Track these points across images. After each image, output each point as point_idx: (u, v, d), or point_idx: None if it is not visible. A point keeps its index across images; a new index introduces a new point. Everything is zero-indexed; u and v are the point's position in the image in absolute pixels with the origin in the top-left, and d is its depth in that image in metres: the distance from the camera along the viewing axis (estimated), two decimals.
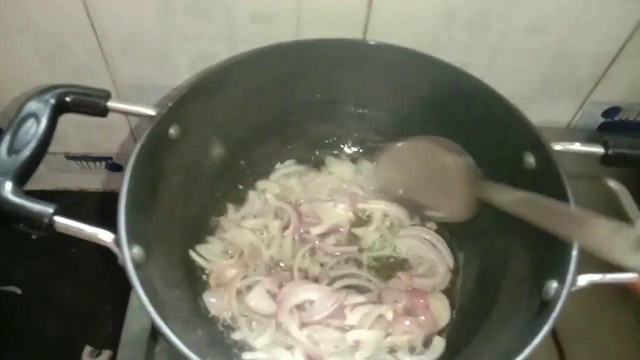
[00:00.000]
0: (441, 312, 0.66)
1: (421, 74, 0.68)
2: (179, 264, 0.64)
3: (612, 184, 0.85)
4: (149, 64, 0.78)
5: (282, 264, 0.69)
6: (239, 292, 0.65)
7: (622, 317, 0.72)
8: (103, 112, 0.58)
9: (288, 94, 0.72)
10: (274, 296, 0.65)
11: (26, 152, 0.52)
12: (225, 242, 0.69)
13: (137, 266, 0.50)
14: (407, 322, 0.63)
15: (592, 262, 0.53)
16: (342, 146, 0.79)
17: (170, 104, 0.59)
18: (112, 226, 0.50)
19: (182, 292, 0.61)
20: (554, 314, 0.49)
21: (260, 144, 0.74)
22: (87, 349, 0.93)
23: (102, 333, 0.94)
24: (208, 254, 0.67)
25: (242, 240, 0.68)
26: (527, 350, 0.47)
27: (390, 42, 0.68)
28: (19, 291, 0.98)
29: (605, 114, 0.90)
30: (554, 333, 0.70)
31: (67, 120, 0.85)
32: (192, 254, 0.66)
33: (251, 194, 0.74)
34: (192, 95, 0.62)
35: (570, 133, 0.91)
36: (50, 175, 1.03)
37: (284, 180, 0.76)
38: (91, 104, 0.58)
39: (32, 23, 0.73)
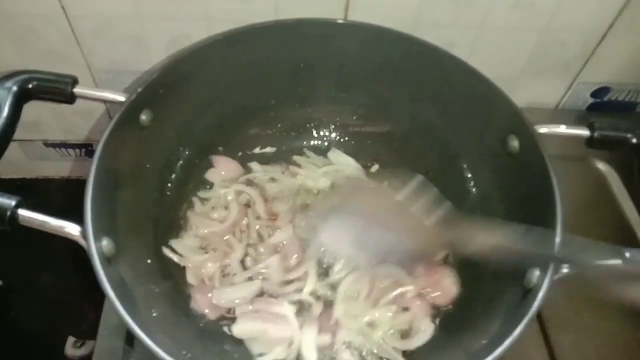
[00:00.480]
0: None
1: (404, 56, 0.66)
2: (153, 256, 0.62)
3: (601, 165, 0.84)
4: (124, 46, 0.76)
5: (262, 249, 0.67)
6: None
7: (607, 303, 0.72)
8: (70, 99, 0.56)
9: (266, 77, 0.70)
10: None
11: None
12: (199, 237, 0.67)
13: (107, 260, 0.49)
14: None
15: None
16: (322, 131, 0.77)
17: (139, 89, 0.57)
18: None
19: (156, 286, 0.59)
20: (537, 302, 0.48)
21: (238, 129, 0.72)
22: (70, 340, 0.91)
23: (85, 324, 0.93)
24: (182, 249, 0.64)
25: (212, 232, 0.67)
26: (511, 337, 0.47)
27: (373, 22, 0.65)
28: (0, 282, 0.97)
29: (594, 94, 0.88)
30: (540, 320, 0.70)
31: (44, 106, 0.84)
32: (165, 250, 0.63)
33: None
34: (163, 79, 0.60)
35: (558, 114, 0.90)
36: (30, 163, 1.00)
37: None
38: (56, 90, 0.55)
39: (1, 4, 0.70)
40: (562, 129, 0.59)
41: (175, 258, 0.63)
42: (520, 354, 0.67)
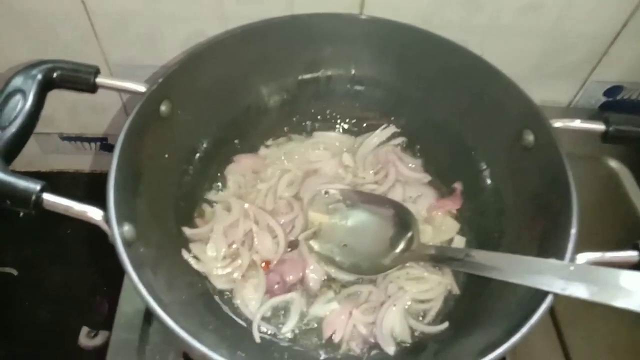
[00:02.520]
0: None
1: (419, 50, 0.66)
2: (173, 242, 0.62)
3: (613, 163, 0.84)
4: (141, 43, 0.77)
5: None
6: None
7: None
8: (92, 88, 0.57)
9: (281, 71, 0.70)
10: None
11: (12, 129, 0.51)
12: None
13: (128, 244, 0.49)
14: None
15: (591, 241, 0.52)
16: (338, 124, 0.77)
17: (160, 80, 0.58)
18: (104, 206, 0.50)
19: (176, 271, 0.60)
20: (551, 295, 0.48)
21: (253, 122, 0.72)
22: (84, 330, 0.92)
23: (98, 314, 0.94)
24: (201, 254, 0.64)
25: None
26: (524, 329, 0.46)
27: (387, 18, 0.66)
28: (15, 272, 0.98)
29: (607, 92, 0.88)
30: (552, 314, 0.70)
31: (61, 100, 0.86)
32: (184, 253, 0.63)
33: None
34: (182, 71, 0.60)
35: (571, 112, 0.90)
36: (45, 157, 1.02)
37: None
38: (80, 79, 0.56)
39: (22, 1, 0.71)
40: (577, 123, 0.59)
41: (194, 264, 0.63)
42: (533, 349, 0.67)
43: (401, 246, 0.64)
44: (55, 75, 0.55)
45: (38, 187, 0.48)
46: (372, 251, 0.64)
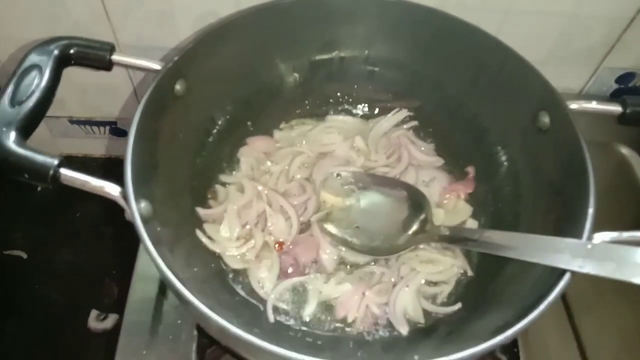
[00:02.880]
0: None
1: (433, 31, 0.66)
2: (188, 222, 0.63)
3: (624, 150, 0.83)
4: (152, 22, 0.76)
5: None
6: None
7: (634, 286, 0.72)
8: (107, 65, 0.57)
9: (295, 51, 0.70)
10: None
11: (29, 104, 0.50)
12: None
13: (145, 221, 0.49)
14: None
15: (604, 226, 0.52)
16: (351, 105, 0.76)
17: (175, 58, 0.57)
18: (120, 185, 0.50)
19: (192, 251, 0.60)
20: (568, 274, 0.48)
21: (265, 104, 0.72)
22: (94, 313, 0.93)
23: (107, 297, 0.94)
24: (215, 234, 0.64)
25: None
26: (541, 307, 0.46)
27: None
28: (24, 255, 0.98)
29: (619, 79, 0.87)
30: (564, 299, 0.70)
31: (71, 83, 0.85)
32: (198, 233, 0.63)
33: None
34: (197, 50, 0.60)
35: (582, 99, 0.89)
36: (54, 140, 1.01)
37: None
38: (95, 56, 0.56)
39: None
40: (594, 104, 0.59)
41: (208, 243, 0.63)
42: (544, 334, 0.67)
43: (414, 227, 0.64)
44: (71, 51, 0.55)
45: (56, 162, 0.48)
46: (385, 232, 0.64)
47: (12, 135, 0.48)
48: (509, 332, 0.46)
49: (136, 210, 0.47)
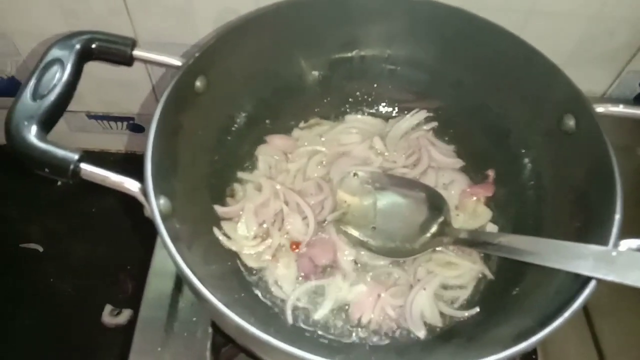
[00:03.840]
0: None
1: (456, 31, 0.65)
2: (206, 220, 0.62)
3: None
4: (172, 19, 0.77)
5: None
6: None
7: None
8: (129, 61, 0.57)
9: (315, 49, 0.69)
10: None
11: (51, 98, 0.50)
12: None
13: (164, 218, 0.49)
14: None
15: (629, 228, 0.51)
16: (371, 105, 0.76)
17: (197, 54, 0.57)
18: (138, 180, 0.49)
19: (209, 248, 0.60)
20: (593, 282, 0.47)
21: (284, 102, 0.71)
22: (108, 308, 0.93)
23: (122, 292, 0.95)
24: (232, 232, 0.64)
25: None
26: (566, 314, 0.45)
27: None
28: (40, 249, 0.99)
29: None
30: (584, 308, 0.69)
31: (89, 78, 0.85)
32: (215, 231, 0.63)
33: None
34: (218, 46, 0.60)
35: (605, 102, 0.88)
36: (72, 135, 1.02)
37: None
38: (117, 51, 0.56)
39: None
40: (621, 108, 0.57)
41: (225, 241, 0.63)
42: (563, 341, 0.66)
43: (433, 230, 0.63)
44: (93, 46, 0.55)
45: (76, 157, 0.48)
46: (402, 234, 0.64)
47: (34, 129, 0.48)
48: (531, 340, 0.45)
49: (156, 206, 0.47)
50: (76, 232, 1.00)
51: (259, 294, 0.62)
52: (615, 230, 0.49)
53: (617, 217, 0.49)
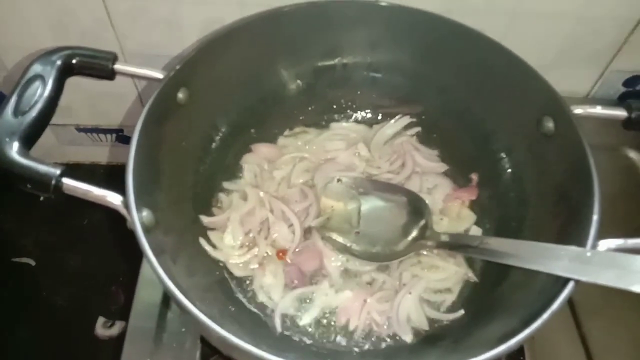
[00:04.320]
0: None
1: (437, 37, 0.66)
2: (191, 230, 0.63)
3: (632, 154, 0.82)
4: (158, 30, 0.77)
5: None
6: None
7: None
8: (110, 75, 0.57)
9: (298, 58, 0.70)
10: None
11: (32, 114, 0.51)
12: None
13: (147, 230, 0.49)
14: None
15: (611, 232, 0.51)
16: (355, 112, 0.76)
17: (177, 67, 0.58)
18: (123, 193, 0.50)
19: (195, 259, 0.60)
20: (572, 283, 0.47)
21: (269, 111, 0.72)
22: (101, 320, 0.93)
23: (115, 304, 0.95)
24: (219, 242, 0.64)
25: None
26: (545, 316, 0.46)
27: (406, 4, 0.65)
28: (32, 263, 0.99)
29: (626, 82, 0.86)
30: (571, 305, 0.69)
31: (77, 91, 0.86)
32: (201, 241, 0.63)
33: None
34: (199, 58, 0.60)
35: (589, 103, 0.88)
36: (62, 148, 1.02)
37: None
38: (98, 66, 0.56)
39: None
40: (598, 109, 0.58)
41: (211, 252, 0.63)
42: (551, 340, 0.67)
43: (414, 233, 0.63)
44: (74, 61, 0.55)
45: (58, 172, 0.48)
46: (385, 238, 0.64)
47: (15, 145, 0.49)
48: (514, 341, 0.45)
49: (137, 219, 0.47)
50: (68, 244, 1.00)
51: (246, 304, 0.62)
52: (593, 230, 0.49)
53: (595, 217, 0.50)
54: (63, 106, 0.92)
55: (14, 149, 0.48)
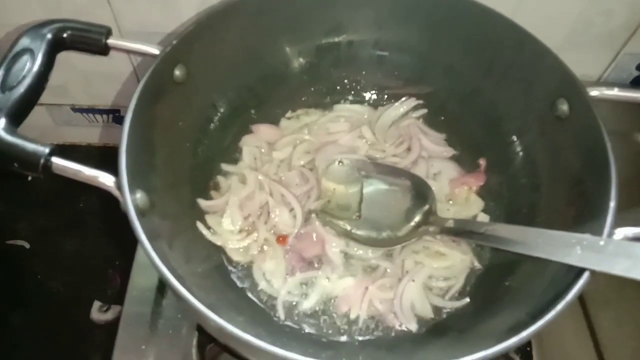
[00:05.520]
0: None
1: (446, 14, 0.63)
2: (188, 214, 0.61)
3: None
4: (154, 7, 0.74)
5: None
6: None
7: None
8: (103, 50, 0.55)
9: (301, 34, 0.68)
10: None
11: (20, 89, 0.48)
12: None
13: (141, 213, 0.47)
14: None
15: (627, 216, 0.49)
16: (359, 93, 0.74)
17: (174, 42, 0.55)
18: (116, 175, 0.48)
19: (192, 244, 0.58)
20: (587, 273, 0.45)
21: (270, 90, 0.70)
22: (96, 305, 0.92)
23: (110, 288, 0.94)
24: (217, 227, 0.62)
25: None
26: (559, 307, 0.44)
27: None
28: (27, 245, 0.97)
29: None
30: (580, 297, 0.67)
31: (73, 70, 0.84)
32: (199, 225, 0.61)
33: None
34: (197, 33, 0.58)
35: (603, 85, 0.86)
36: (57, 129, 1.00)
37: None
38: (91, 40, 0.54)
39: None
40: (616, 91, 0.56)
41: (209, 236, 0.61)
42: (559, 332, 0.65)
43: (417, 218, 0.61)
44: (65, 35, 0.53)
45: (47, 150, 0.46)
46: (387, 223, 0.62)
47: (2, 122, 0.47)
48: (524, 334, 0.43)
49: (130, 201, 0.45)
50: (63, 227, 0.99)
51: (246, 291, 0.60)
52: (610, 218, 0.47)
53: (612, 204, 0.48)
54: (58, 85, 0.90)
55: (0, 126, 0.46)
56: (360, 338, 0.58)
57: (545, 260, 0.49)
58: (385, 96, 0.73)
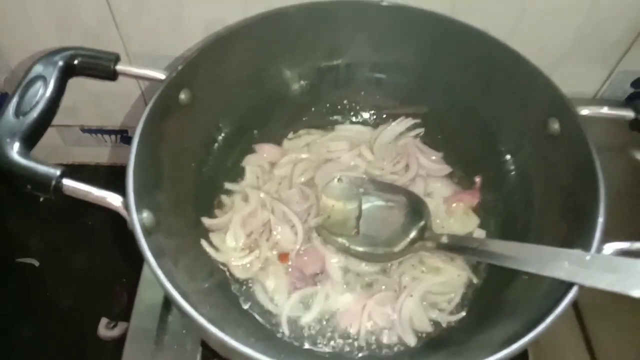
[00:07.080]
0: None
1: (442, 37, 0.65)
2: (193, 232, 0.62)
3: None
4: (161, 30, 0.77)
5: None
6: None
7: None
8: (112, 75, 0.57)
9: (301, 58, 0.70)
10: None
11: (33, 114, 0.51)
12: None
13: (147, 232, 0.49)
14: None
15: (618, 234, 0.50)
16: (359, 113, 0.76)
17: (179, 67, 0.57)
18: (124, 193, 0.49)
19: (196, 262, 0.60)
20: (576, 287, 0.46)
21: (271, 112, 0.72)
22: (104, 321, 0.93)
23: (118, 305, 0.95)
24: (220, 244, 0.64)
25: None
26: (548, 320, 0.45)
27: (409, 4, 0.65)
28: (36, 263, 0.99)
29: (635, 83, 0.85)
30: (576, 309, 0.68)
31: (82, 92, 0.86)
32: (203, 243, 0.63)
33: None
34: (201, 59, 0.60)
35: (596, 104, 0.88)
36: (66, 149, 1.03)
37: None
38: (100, 67, 0.56)
39: None
40: (605, 110, 0.57)
41: (212, 253, 0.63)
42: (556, 343, 0.66)
43: (413, 234, 0.63)
44: (76, 62, 0.55)
45: (58, 173, 0.48)
46: (384, 239, 0.63)
47: (16, 146, 0.49)
48: (517, 345, 0.44)
49: (137, 220, 0.47)
50: (72, 245, 1.00)
51: (248, 308, 0.61)
52: (597, 234, 0.48)
53: (600, 220, 0.49)
54: (68, 107, 0.93)
55: (14, 150, 0.48)
56: (361, 354, 0.59)
57: (539, 274, 0.50)
58: (384, 116, 0.75)
